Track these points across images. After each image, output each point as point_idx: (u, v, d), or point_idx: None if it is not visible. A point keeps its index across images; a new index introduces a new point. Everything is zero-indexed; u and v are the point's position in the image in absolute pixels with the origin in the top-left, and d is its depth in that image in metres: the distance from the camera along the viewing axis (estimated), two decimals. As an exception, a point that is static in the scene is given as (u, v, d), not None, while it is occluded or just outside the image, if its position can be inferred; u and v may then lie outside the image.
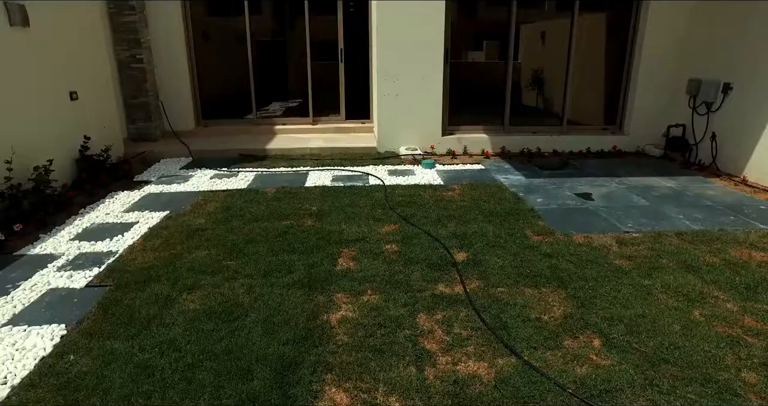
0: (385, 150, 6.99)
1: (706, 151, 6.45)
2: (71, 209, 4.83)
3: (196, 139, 7.52)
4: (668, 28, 6.88)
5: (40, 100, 5.14)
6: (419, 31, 6.57)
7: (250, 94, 8.03)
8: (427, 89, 6.80)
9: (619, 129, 7.54)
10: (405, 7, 6.45)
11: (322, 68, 8.02)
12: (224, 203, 4.93)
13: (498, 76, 7.31)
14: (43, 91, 5.20)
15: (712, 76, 6.38)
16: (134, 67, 7.27)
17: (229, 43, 8.13)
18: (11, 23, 4.75)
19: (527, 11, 7.31)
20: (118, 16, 7.07)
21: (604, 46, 7.60)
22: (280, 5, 8.10)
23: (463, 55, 7.75)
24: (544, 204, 4.92)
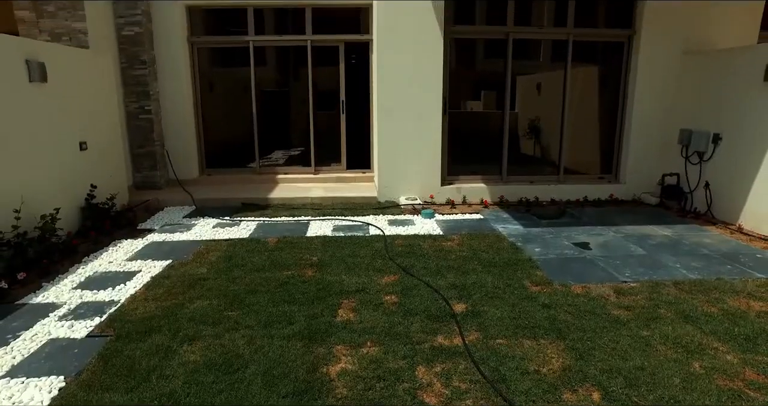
0: (385, 200, 7.11)
1: (701, 200, 6.57)
2: (75, 257, 4.89)
3: (199, 187, 7.68)
4: (657, 79, 7.16)
5: (52, 151, 5.31)
6: (418, 83, 6.83)
7: (254, 142, 8.25)
8: (427, 140, 6.99)
9: (615, 178, 7.69)
10: (404, 60, 6.74)
11: (324, 118, 8.28)
12: (226, 252, 4.99)
13: (496, 126, 7.52)
14: (55, 142, 5.38)
15: (702, 126, 6.60)
16: (142, 117, 7.52)
17: (234, 93, 8.43)
18: (30, 79, 4.99)
19: (522, 63, 7.60)
20: (129, 69, 7.39)
21: (598, 96, 7.87)
22: (284, 56, 8.45)
23: (462, 105, 7.99)
24: (542, 254, 4.97)
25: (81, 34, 6.58)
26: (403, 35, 6.67)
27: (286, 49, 8.23)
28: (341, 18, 8.00)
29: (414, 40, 6.68)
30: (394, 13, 6.63)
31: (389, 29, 6.69)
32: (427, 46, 6.71)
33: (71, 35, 6.58)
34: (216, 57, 8.35)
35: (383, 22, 6.69)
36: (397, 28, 6.66)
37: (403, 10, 6.60)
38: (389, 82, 6.85)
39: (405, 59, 6.75)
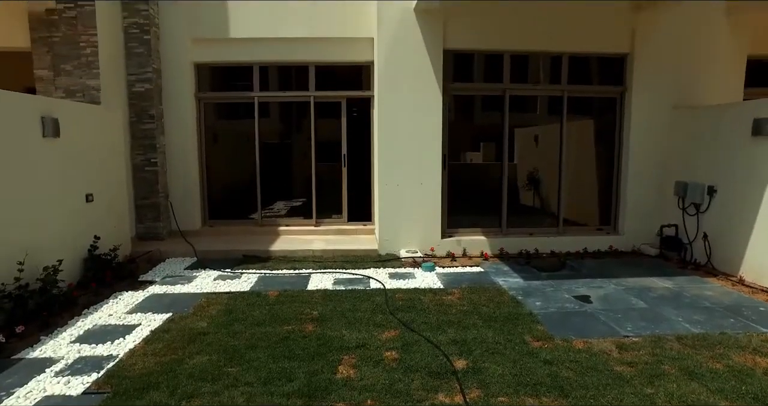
0: (386, 252, 7.15)
1: (701, 251, 6.59)
2: (75, 309, 4.88)
3: (201, 238, 7.75)
4: (650, 133, 7.38)
5: (59, 203, 5.42)
6: (418, 138, 7.03)
7: (256, 193, 8.37)
8: (427, 193, 7.11)
9: (614, 229, 7.75)
10: (404, 116, 6.98)
11: (325, 169, 8.44)
12: (227, 305, 4.98)
13: (495, 177, 7.66)
14: (63, 194, 5.50)
15: (697, 178, 6.74)
16: (148, 169, 7.69)
17: (238, 145, 8.65)
18: (44, 135, 5.17)
19: (520, 115, 7.83)
20: (138, 123, 7.63)
21: (594, 149, 8.05)
22: (287, 110, 8.71)
23: (462, 156, 8.15)
24: (542, 308, 4.95)
25: (94, 90, 6.86)
26: (403, 92, 6.93)
27: (289, 103, 8.51)
28: (343, 75, 8.34)
29: (414, 97, 6.94)
30: (394, 71, 6.92)
31: (390, 86, 6.96)
32: (427, 102, 6.97)
33: (85, 92, 6.86)
34: (221, 110, 8.63)
35: (384, 80, 6.97)
36: (397, 85, 6.93)
37: (403, 68, 6.89)
38: (390, 137, 7.05)
39: (405, 115, 6.98)
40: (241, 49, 7.92)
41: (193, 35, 7.78)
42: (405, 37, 6.84)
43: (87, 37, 6.78)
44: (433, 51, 6.88)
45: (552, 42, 7.21)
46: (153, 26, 7.55)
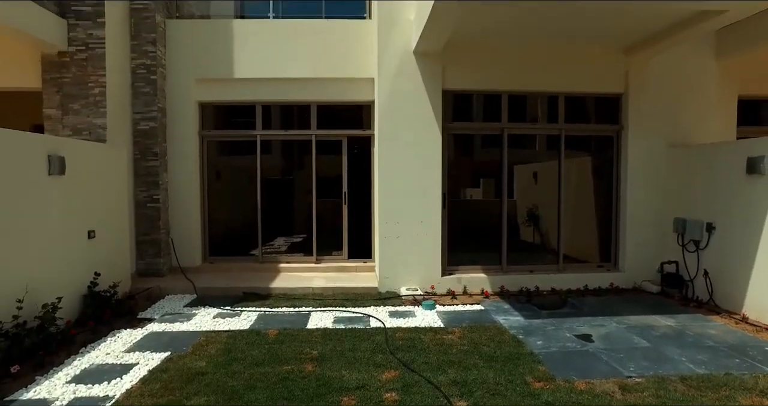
0: (386, 290, 7.12)
1: (702, 288, 6.57)
2: (72, 347, 4.84)
3: (202, 275, 7.74)
4: (647, 170, 7.48)
5: (61, 241, 5.45)
6: (418, 177, 7.12)
7: (257, 229, 8.40)
8: (427, 231, 7.15)
9: (615, 266, 7.74)
10: (404, 155, 7.09)
11: (326, 206, 8.50)
12: (226, 344, 4.93)
13: (495, 214, 7.70)
14: (66, 231, 5.54)
15: (695, 215, 6.78)
16: (150, 206, 7.75)
17: (239, 181, 8.76)
18: (50, 173, 5.25)
19: (519, 152, 7.94)
20: (141, 160, 7.74)
21: (593, 186, 8.13)
22: (289, 146, 8.83)
23: (462, 193, 8.22)
24: (544, 347, 4.90)
25: (100, 129, 7.00)
26: (403, 131, 7.07)
27: (291, 140, 8.65)
28: (344, 114, 8.51)
29: (414, 136, 7.07)
30: (394, 111, 7.08)
31: (390, 126, 7.11)
32: (427, 141, 7.09)
33: (91, 130, 7.00)
34: (224, 147, 8.77)
35: (384, 119, 7.13)
36: (397, 125, 7.08)
37: (403, 108, 7.06)
38: (390, 176, 7.15)
39: (405, 154, 7.10)
40: (244, 89, 8.13)
41: (198, 75, 8.00)
42: (405, 78, 7.04)
43: (96, 77, 6.98)
44: (433, 91, 7.06)
45: (548, 83, 7.41)
46: (160, 67, 7.77)
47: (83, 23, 6.94)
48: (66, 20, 6.90)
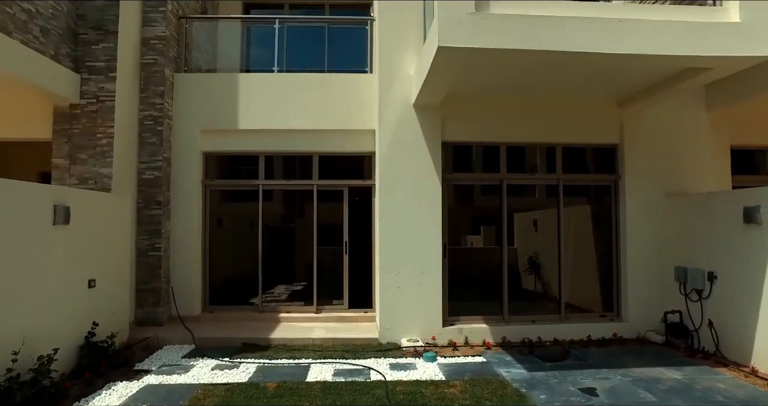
0: (387, 341, 7.02)
1: (709, 338, 6.47)
2: (65, 401, 4.74)
3: (201, 325, 7.64)
4: (645, 219, 7.53)
5: (61, 291, 5.45)
6: (419, 226, 7.17)
7: (257, 277, 8.36)
8: (427, 281, 7.13)
9: (618, 315, 7.65)
10: (405, 205, 7.17)
11: (327, 254, 8.49)
12: (224, 398, 4.83)
13: (495, 262, 7.69)
14: (66, 281, 5.55)
15: (696, 264, 6.78)
16: (151, 254, 7.76)
17: (241, 229, 8.80)
18: (54, 222, 5.32)
19: (519, 199, 8.02)
20: (145, 209, 7.82)
21: (593, 234, 8.15)
22: (291, 195, 8.90)
23: (463, 240, 8.23)
24: (547, 401, 4.80)
25: (106, 178, 7.13)
26: (403, 183, 7.19)
27: (293, 190, 8.77)
28: (346, 164, 8.64)
29: (414, 188, 7.18)
30: (394, 163, 7.22)
31: (390, 177, 7.24)
32: (427, 192, 7.19)
33: (97, 179, 7.12)
34: (226, 194, 8.86)
35: (384, 171, 7.26)
36: (397, 176, 7.21)
37: (403, 159, 7.21)
38: (390, 227, 7.21)
39: (405, 205, 7.18)
40: (248, 140, 8.31)
41: (203, 126, 8.21)
42: (405, 130, 7.22)
43: (104, 128, 7.18)
44: (432, 143, 7.23)
45: (546, 134, 7.59)
46: (166, 118, 7.99)
47: (95, 77, 7.21)
48: (80, 75, 7.16)
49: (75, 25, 7.17)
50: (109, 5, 7.24)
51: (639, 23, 5.27)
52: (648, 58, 5.36)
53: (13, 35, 5.94)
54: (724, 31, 5.31)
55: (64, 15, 6.95)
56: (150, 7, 7.96)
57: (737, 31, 5.29)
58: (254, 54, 9.21)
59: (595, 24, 5.22)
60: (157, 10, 7.97)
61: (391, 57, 7.34)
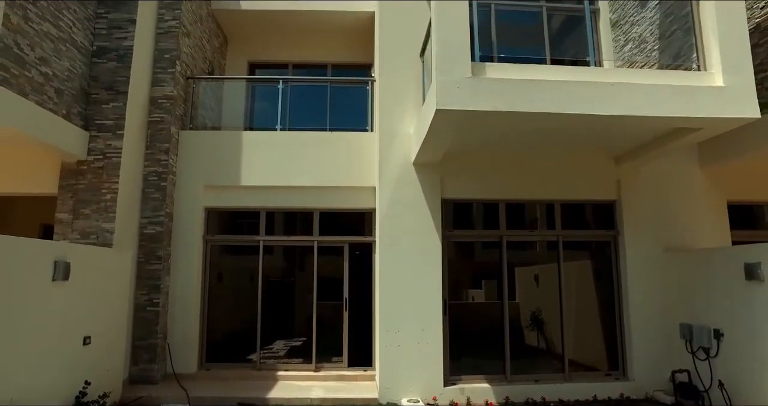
0: (386, 401, 6.83)
1: (720, 400, 6.26)
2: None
3: (196, 383, 7.44)
4: (646, 274, 7.51)
5: (56, 349, 5.37)
6: (419, 283, 7.16)
7: (256, 332, 8.22)
8: (428, 339, 7.03)
9: (624, 374, 7.47)
10: (405, 262, 7.19)
11: (327, 309, 8.38)
12: (216, 465, 4.66)
13: (497, 317, 7.60)
14: (61, 339, 5.48)
15: (701, 321, 6.70)
16: (149, 310, 7.67)
17: (240, 283, 8.75)
18: (53, 279, 5.31)
19: (520, 253, 8.03)
20: (145, 264, 7.80)
21: (595, 290, 8.08)
22: (291, 249, 8.91)
23: (464, 294, 8.16)
24: (554, 469, 4.61)
25: (108, 233, 7.17)
26: (403, 240, 7.24)
27: (294, 245, 8.79)
28: (346, 221, 8.72)
29: (413, 245, 7.23)
30: (394, 220, 7.30)
31: (390, 234, 7.30)
32: (427, 249, 7.23)
33: (99, 234, 7.16)
34: (227, 249, 8.87)
35: (384, 228, 7.33)
36: (397, 234, 7.27)
37: (403, 217, 7.29)
38: (390, 284, 7.21)
39: (405, 262, 7.21)
40: (249, 196, 8.41)
41: (206, 182, 8.34)
42: (405, 188, 7.35)
43: (109, 184, 7.29)
44: (432, 201, 7.34)
45: (543, 191, 7.72)
46: (170, 174, 8.14)
47: (104, 135, 7.39)
48: (89, 132, 7.37)
49: (88, 85, 7.45)
50: (121, 67, 7.55)
51: (630, 87, 5.49)
52: (639, 119, 5.55)
53: (29, 97, 6.18)
54: (709, 94, 5.52)
55: (78, 76, 7.24)
56: (160, 68, 8.30)
57: (722, 94, 5.51)
58: (258, 112, 9.50)
59: (588, 87, 5.44)
60: (166, 71, 8.30)
61: (391, 116, 7.59)
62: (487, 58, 5.64)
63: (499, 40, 6.43)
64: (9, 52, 5.83)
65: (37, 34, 6.32)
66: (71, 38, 7.03)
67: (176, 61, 8.32)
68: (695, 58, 5.88)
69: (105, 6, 7.70)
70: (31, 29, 6.21)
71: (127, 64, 7.55)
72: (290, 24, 10.33)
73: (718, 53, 5.61)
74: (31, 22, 6.20)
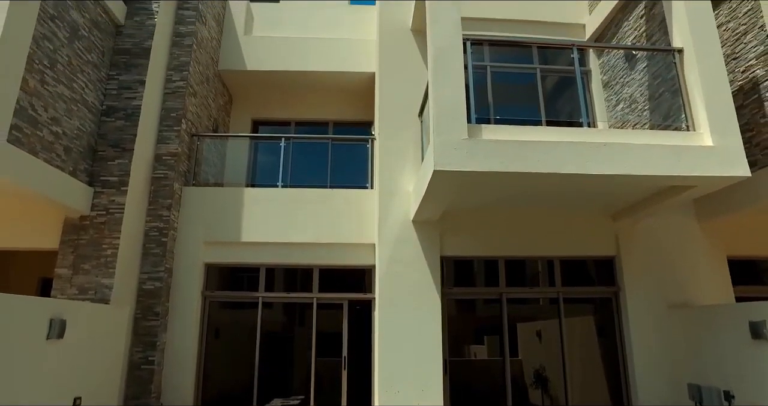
0: (385, 465, 6.58)
1: (738, 468, 6.01)
2: None
3: (188, 446, 7.17)
4: (649, 331, 7.40)
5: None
6: (418, 342, 7.06)
7: (253, 389, 7.98)
8: (428, 400, 6.85)
9: (634, 437, 7.21)
10: (404, 320, 7.14)
11: (326, 366, 8.17)
12: None
13: (500, 375, 7.43)
14: (50, 399, 5.31)
15: (709, 381, 6.50)
16: (144, 368, 7.47)
17: (238, 339, 8.58)
18: (48, 337, 5.24)
19: (521, 307, 7.95)
20: (142, 320, 7.67)
21: (598, 347, 7.94)
22: (291, 305, 8.80)
23: (465, 351, 7.99)
24: None
25: (107, 288, 7.11)
26: (403, 298, 7.23)
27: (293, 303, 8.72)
28: (346, 277, 8.65)
29: (413, 302, 7.20)
30: (394, 277, 7.32)
31: (390, 292, 7.30)
32: (426, 307, 7.18)
33: (97, 289, 7.10)
34: (225, 304, 8.77)
35: (384, 286, 7.33)
36: (397, 291, 7.27)
37: (403, 274, 7.31)
38: (390, 343, 7.13)
39: (405, 320, 7.16)
40: (250, 252, 8.41)
41: (207, 238, 8.36)
42: (404, 246, 7.41)
43: (111, 240, 7.31)
44: (431, 259, 7.37)
45: (542, 248, 7.75)
46: (172, 229, 8.19)
47: (108, 191, 7.49)
48: (93, 188, 7.49)
49: (95, 143, 7.64)
50: (128, 125, 7.77)
51: (622, 146, 5.65)
52: (632, 178, 5.67)
53: (39, 155, 6.33)
54: (700, 153, 5.67)
55: (87, 134, 7.44)
56: (166, 126, 8.53)
57: (712, 153, 5.66)
58: (260, 168, 9.67)
59: (581, 147, 5.59)
60: (172, 129, 8.53)
61: (390, 174, 7.75)
62: (483, 120, 5.84)
63: (495, 100, 6.68)
64: (24, 113, 6.05)
65: (51, 95, 6.57)
66: (83, 98, 7.30)
67: (182, 120, 8.58)
68: (684, 118, 6.09)
69: (117, 68, 8.04)
70: (46, 91, 6.47)
71: (134, 122, 7.78)
72: (293, 83, 10.75)
73: (705, 114, 5.81)
74: (46, 85, 6.46)
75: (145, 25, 8.29)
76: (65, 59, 6.83)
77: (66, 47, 6.84)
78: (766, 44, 6.65)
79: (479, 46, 7.05)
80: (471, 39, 6.01)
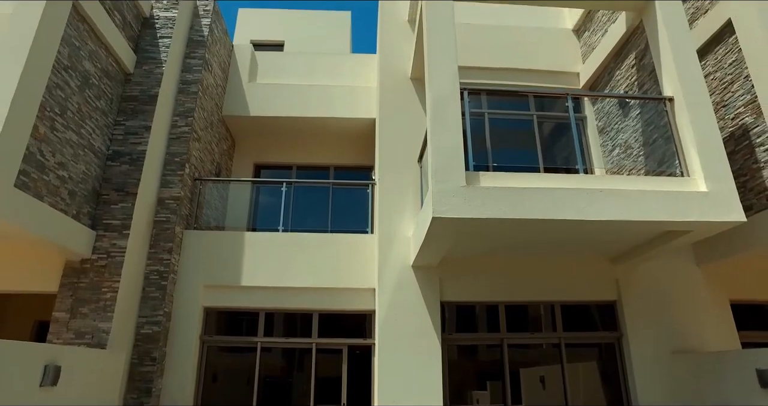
0: None
1: None
2: None
3: None
4: (654, 377, 7.24)
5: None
6: (418, 389, 6.92)
7: (248, 444, 7.77)
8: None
9: None
10: (404, 366, 7.03)
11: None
12: None
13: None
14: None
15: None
16: (138, 418, 7.33)
17: (236, 383, 8.39)
18: (41, 384, 5.16)
19: (523, 352, 7.81)
20: (138, 365, 7.54)
21: (602, 393, 7.75)
22: (290, 350, 8.66)
23: (468, 396, 7.77)
24: None
25: (104, 333, 7.04)
26: (403, 343, 7.14)
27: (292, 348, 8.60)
28: (346, 322, 8.57)
29: (413, 348, 7.11)
30: (393, 323, 7.25)
31: (389, 338, 7.21)
32: (426, 353, 7.09)
33: (94, 334, 7.03)
34: (223, 349, 8.63)
35: (384, 331, 7.26)
36: (396, 337, 7.18)
37: (403, 319, 7.25)
38: (389, 389, 6.98)
39: (405, 366, 7.05)
40: (249, 296, 8.37)
41: (206, 282, 8.33)
42: (404, 291, 7.39)
43: (110, 283, 7.29)
44: (431, 304, 7.33)
45: (543, 293, 7.72)
46: (172, 273, 8.18)
47: (110, 234, 7.53)
48: (95, 231, 7.54)
49: (99, 186, 7.75)
50: (132, 170, 7.92)
51: (618, 192, 5.72)
52: (629, 224, 5.73)
53: (44, 199, 6.43)
54: (695, 199, 5.74)
55: (92, 178, 7.56)
56: (169, 170, 8.68)
57: (707, 199, 5.73)
58: (261, 212, 9.77)
59: (578, 194, 5.67)
60: (175, 173, 8.67)
61: (390, 219, 7.81)
62: (481, 167, 5.97)
63: (493, 146, 6.84)
64: (32, 158, 6.19)
65: (60, 141, 6.74)
66: (90, 143, 7.47)
67: (185, 164, 8.74)
68: (678, 164, 6.20)
69: (124, 114, 8.27)
70: (55, 137, 6.64)
71: (139, 167, 7.93)
72: (295, 129, 10.98)
73: (698, 160, 5.93)
74: (56, 132, 6.64)
75: (153, 73, 8.60)
76: (75, 107, 7.05)
77: (77, 95, 7.08)
78: (752, 93, 6.86)
79: (477, 95, 7.28)
80: (468, 88, 6.20)
